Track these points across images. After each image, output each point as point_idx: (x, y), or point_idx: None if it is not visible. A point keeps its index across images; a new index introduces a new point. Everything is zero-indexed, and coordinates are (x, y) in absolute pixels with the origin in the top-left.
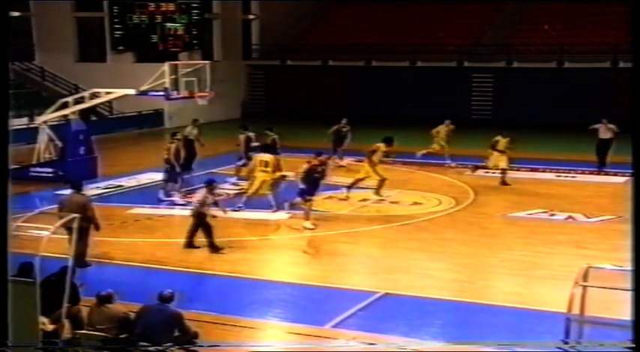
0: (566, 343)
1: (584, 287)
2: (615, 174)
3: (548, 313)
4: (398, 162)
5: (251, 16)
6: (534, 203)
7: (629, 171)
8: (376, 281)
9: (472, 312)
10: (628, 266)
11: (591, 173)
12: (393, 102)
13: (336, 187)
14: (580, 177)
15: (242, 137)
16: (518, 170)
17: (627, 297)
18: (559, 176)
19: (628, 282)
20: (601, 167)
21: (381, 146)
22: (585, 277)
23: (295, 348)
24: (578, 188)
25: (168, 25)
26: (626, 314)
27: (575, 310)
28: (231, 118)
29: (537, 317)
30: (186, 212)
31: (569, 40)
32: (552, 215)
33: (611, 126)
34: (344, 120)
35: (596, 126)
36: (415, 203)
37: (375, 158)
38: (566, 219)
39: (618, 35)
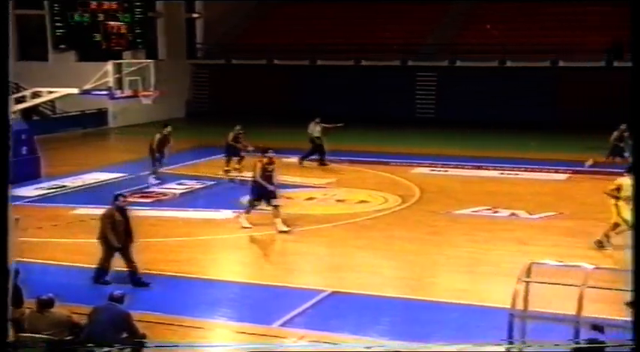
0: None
1: (527, 282)
2: (556, 171)
3: (493, 309)
4: (344, 161)
5: (195, 15)
6: (478, 200)
7: (570, 168)
8: (324, 279)
9: (419, 309)
10: (569, 261)
11: (533, 170)
12: (338, 101)
13: (283, 186)
14: (523, 175)
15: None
16: (462, 168)
17: (569, 292)
18: (502, 173)
19: (580, 279)
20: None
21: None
22: (528, 273)
23: (247, 348)
24: (520, 185)
25: (111, 23)
26: (568, 308)
27: (519, 305)
28: (175, 117)
29: (482, 313)
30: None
31: (511, 40)
32: (496, 212)
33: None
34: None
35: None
36: (361, 201)
37: None
38: (509, 215)
39: (559, 35)
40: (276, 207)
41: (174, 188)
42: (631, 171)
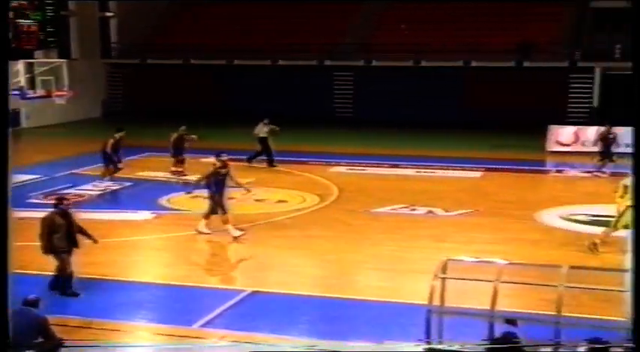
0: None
1: (443, 279)
2: (471, 169)
3: (412, 305)
4: (264, 161)
5: (108, 14)
6: (396, 198)
7: (483, 165)
8: (243, 279)
9: (339, 307)
10: (485, 257)
11: (449, 168)
12: (255, 101)
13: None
14: (439, 173)
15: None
16: (380, 166)
17: (485, 287)
18: (419, 172)
19: (495, 274)
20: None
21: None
22: (444, 269)
23: (168, 349)
24: (437, 183)
25: (21, 21)
26: (484, 303)
27: (436, 301)
28: (91, 117)
29: (401, 309)
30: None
31: (425, 40)
32: (413, 210)
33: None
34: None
35: None
36: (280, 201)
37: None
38: (426, 213)
39: (472, 35)
40: (225, 212)
41: (91, 189)
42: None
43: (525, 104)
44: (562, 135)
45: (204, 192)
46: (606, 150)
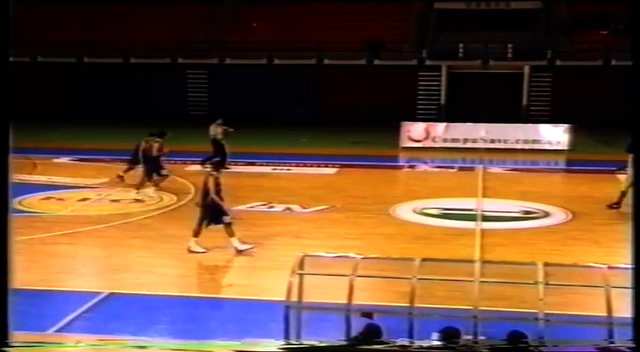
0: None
1: (301, 275)
2: (327, 166)
3: (272, 302)
4: (119, 160)
5: None
6: (253, 196)
7: (339, 162)
8: (100, 281)
9: (199, 307)
10: (342, 252)
11: (304, 165)
12: (109, 100)
13: (54, 187)
14: (295, 170)
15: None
16: (236, 164)
17: (342, 282)
18: (275, 169)
19: (351, 269)
20: None
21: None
22: (302, 265)
23: None
24: (293, 180)
25: None
26: (341, 298)
27: (294, 297)
28: None
29: (261, 307)
30: None
31: (278, 38)
32: (271, 207)
33: None
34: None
35: None
36: (136, 200)
37: None
38: (284, 210)
39: (323, 34)
40: (229, 224)
41: None
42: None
43: (378, 101)
44: (413, 132)
45: (58, 193)
46: None
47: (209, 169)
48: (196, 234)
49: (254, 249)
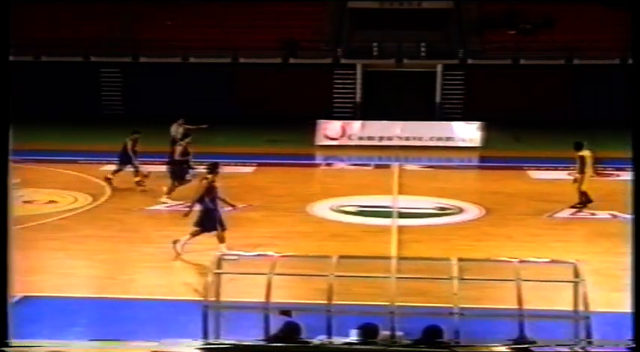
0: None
1: (219, 274)
2: (244, 165)
3: (189, 302)
4: (30, 160)
5: None
6: (171, 195)
7: (256, 160)
8: (14, 284)
9: (116, 308)
10: (260, 251)
11: (222, 164)
12: (16, 99)
13: None
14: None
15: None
16: (152, 163)
17: (260, 281)
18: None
19: (269, 267)
20: None
21: None
22: (219, 265)
23: None
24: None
25: None
26: (260, 296)
27: (212, 297)
28: None
29: (179, 307)
30: None
31: (193, 36)
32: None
33: None
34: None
35: None
36: (50, 201)
37: None
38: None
39: (238, 32)
40: (223, 230)
41: None
42: (582, 146)
43: (294, 100)
44: (330, 130)
45: None
46: None
47: (204, 172)
48: (193, 235)
49: (236, 259)
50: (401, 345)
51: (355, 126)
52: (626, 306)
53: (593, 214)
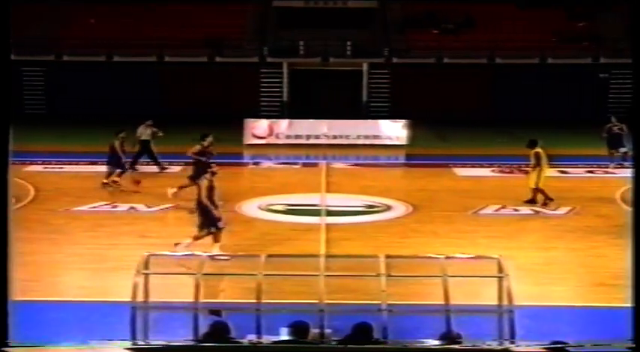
0: None
1: (146, 274)
2: (171, 164)
3: (117, 304)
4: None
5: None
6: (96, 196)
7: (183, 160)
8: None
9: (41, 311)
10: (188, 251)
11: (148, 163)
12: None
13: None
14: (144, 168)
15: None
16: (77, 164)
17: (189, 281)
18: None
19: (197, 267)
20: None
21: None
22: (147, 265)
23: None
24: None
25: None
26: (189, 296)
27: (140, 297)
28: None
29: (107, 308)
30: None
31: (118, 35)
32: (115, 207)
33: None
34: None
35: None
36: None
37: None
38: (128, 209)
39: (162, 31)
40: (219, 230)
41: None
42: (536, 143)
43: (221, 99)
44: (257, 129)
45: None
46: (613, 143)
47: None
48: (196, 238)
49: (227, 259)
50: (331, 343)
51: (282, 124)
52: (547, 300)
53: (516, 210)
